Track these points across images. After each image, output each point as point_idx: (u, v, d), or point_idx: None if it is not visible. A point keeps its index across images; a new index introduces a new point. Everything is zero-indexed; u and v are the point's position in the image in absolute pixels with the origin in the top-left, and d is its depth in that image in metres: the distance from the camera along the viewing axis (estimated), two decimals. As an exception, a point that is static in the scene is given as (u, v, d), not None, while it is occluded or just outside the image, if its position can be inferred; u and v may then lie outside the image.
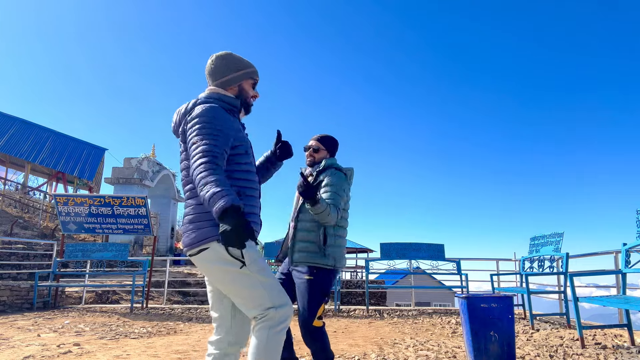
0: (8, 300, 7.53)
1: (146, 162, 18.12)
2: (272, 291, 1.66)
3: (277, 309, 1.63)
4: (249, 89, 1.90)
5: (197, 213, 1.69)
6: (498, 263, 8.58)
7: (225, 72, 1.85)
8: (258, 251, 1.73)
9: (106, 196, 8.32)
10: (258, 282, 1.64)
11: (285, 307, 1.66)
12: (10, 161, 20.66)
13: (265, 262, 1.74)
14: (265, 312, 1.62)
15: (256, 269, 1.65)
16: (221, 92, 1.84)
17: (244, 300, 1.65)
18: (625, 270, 4.11)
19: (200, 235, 1.65)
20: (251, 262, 1.64)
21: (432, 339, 4.66)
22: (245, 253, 1.62)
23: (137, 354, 3.87)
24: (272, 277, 1.70)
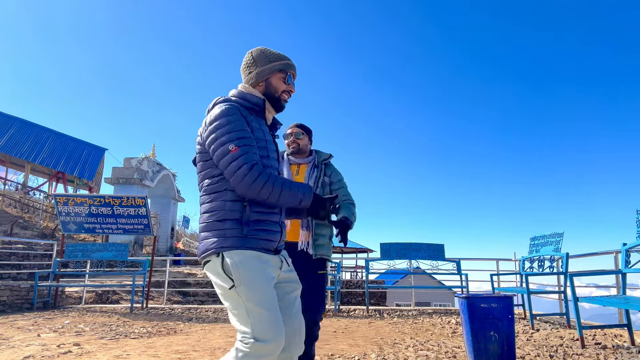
0: (8, 300, 7.53)
1: (146, 162, 18.12)
2: (259, 323, 1.47)
3: (258, 342, 1.45)
4: (277, 84, 1.74)
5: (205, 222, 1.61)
6: (498, 263, 8.58)
7: (252, 67, 1.73)
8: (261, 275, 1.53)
9: (106, 196, 8.32)
10: (244, 309, 1.49)
11: (269, 344, 1.46)
12: (10, 161, 20.67)
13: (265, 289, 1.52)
14: (247, 341, 1.47)
15: (246, 294, 1.49)
16: (246, 89, 1.72)
17: (233, 322, 1.54)
18: (625, 270, 4.11)
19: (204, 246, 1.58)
20: (242, 285, 1.49)
21: (432, 339, 4.66)
22: (237, 272, 1.50)
23: (137, 354, 3.87)
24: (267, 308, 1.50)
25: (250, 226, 1.57)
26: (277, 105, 1.76)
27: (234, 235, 1.55)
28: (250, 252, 1.55)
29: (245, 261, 1.52)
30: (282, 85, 1.75)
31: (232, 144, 1.53)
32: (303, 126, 2.71)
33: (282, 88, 1.75)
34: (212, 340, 4.70)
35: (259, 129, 1.66)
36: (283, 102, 1.77)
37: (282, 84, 1.75)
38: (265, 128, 1.72)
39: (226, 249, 1.53)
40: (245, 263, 1.52)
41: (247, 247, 1.54)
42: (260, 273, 1.53)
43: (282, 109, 1.79)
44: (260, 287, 1.51)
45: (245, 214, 1.57)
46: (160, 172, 19.04)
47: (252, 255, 1.54)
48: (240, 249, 1.53)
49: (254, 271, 1.52)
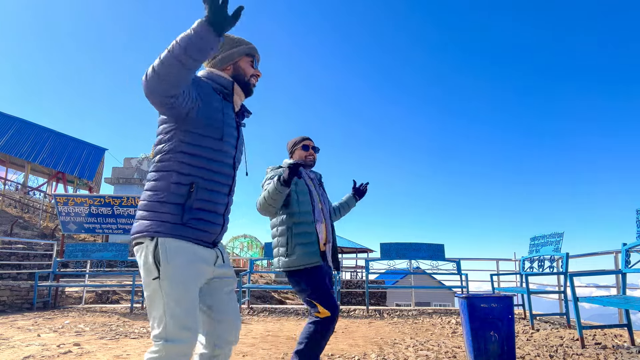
0: (8, 300, 7.53)
1: (146, 162, 18.13)
2: (173, 321, 1.40)
3: (168, 343, 1.39)
4: (246, 67, 1.70)
5: (145, 200, 1.50)
6: (498, 263, 8.58)
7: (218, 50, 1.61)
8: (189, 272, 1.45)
9: (106, 196, 8.32)
10: (162, 304, 1.41)
11: (179, 344, 1.40)
12: (10, 161, 20.67)
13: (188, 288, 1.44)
14: (157, 341, 1.41)
15: (168, 289, 1.41)
16: (215, 71, 1.66)
17: (149, 315, 1.46)
18: (625, 270, 4.11)
19: (139, 226, 1.47)
20: (166, 279, 1.41)
21: (432, 339, 4.66)
22: (165, 264, 1.41)
23: (137, 354, 3.87)
24: (186, 308, 1.43)
25: (192, 214, 1.48)
26: (247, 89, 1.71)
27: (173, 222, 1.45)
28: (186, 244, 1.46)
29: (177, 253, 1.43)
30: (250, 69, 1.71)
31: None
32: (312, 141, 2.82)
33: (250, 72, 1.71)
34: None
35: (218, 109, 1.58)
36: (252, 86, 1.73)
37: (250, 67, 1.71)
38: (229, 112, 1.64)
39: (162, 234, 1.44)
40: (176, 256, 1.43)
41: (184, 236, 1.46)
42: (188, 270, 1.45)
43: (252, 93, 1.74)
44: (183, 286, 1.43)
45: (189, 200, 1.48)
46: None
47: (186, 248, 1.46)
48: (176, 237, 1.45)
49: (183, 267, 1.44)
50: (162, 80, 1.31)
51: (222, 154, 1.58)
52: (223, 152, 1.58)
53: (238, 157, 1.68)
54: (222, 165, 1.58)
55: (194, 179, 1.50)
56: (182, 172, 1.50)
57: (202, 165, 1.52)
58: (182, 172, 1.50)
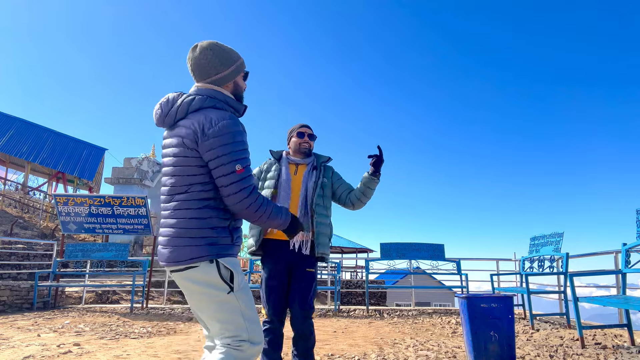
0: (8, 300, 7.53)
1: (146, 162, 18.12)
2: (252, 325, 1.59)
3: (252, 345, 1.56)
4: (242, 84, 1.75)
5: (191, 228, 1.55)
6: (498, 263, 8.58)
7: (219, 67, 1.66)
8: (246, 281, 1.68)
9: (106, 196, 8.32)
10: (239, 312, 1.57)
11: (259, 346, 1.59)
12: (10, 161, 20.67)
13: (251, 294, 1.66)
14: (240, 343, 1.54)
15: (242, 297, 1.59)
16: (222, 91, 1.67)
17: (222, 326, 1.57)
18: (625, 270, 4.11)
19: (192, 252, 1.53)
20: (239, 290, 1.59)
21: (432, 339, 4.66)
22: (237, 278, 1.58)
23: (137, 354, 3.87)
24: (255, 311, 1.64)
25: (236, 234, 1.66)
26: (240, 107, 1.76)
27: (226, 243, 1.60)
28: (236, 260, 1.64)
29: (237, 268, 1.60)
30: (244, 84, 1.77)
31: (238, 164, 1.56)
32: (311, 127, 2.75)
33: (244, 87, 1.77)
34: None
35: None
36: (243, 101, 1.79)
37: (243, 82, 1.76)
38: None
39: (222, 256, 1.57)
40: (238, 269, 1.60)
41: (234, 254, 1.63)
42: (244, 278, 1.65)
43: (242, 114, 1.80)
44: (249, 292, 1.64)
45: (232, 222, 1.65)
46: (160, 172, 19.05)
47: (238, 262, 1.65)
48: (232, 256, 1.61)
49: (243, 276, 1.63)
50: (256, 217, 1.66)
51: None
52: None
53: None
54: None
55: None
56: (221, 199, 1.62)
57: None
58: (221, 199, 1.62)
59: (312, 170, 2.63)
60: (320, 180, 2.61)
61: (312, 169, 2.64)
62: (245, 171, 1.57)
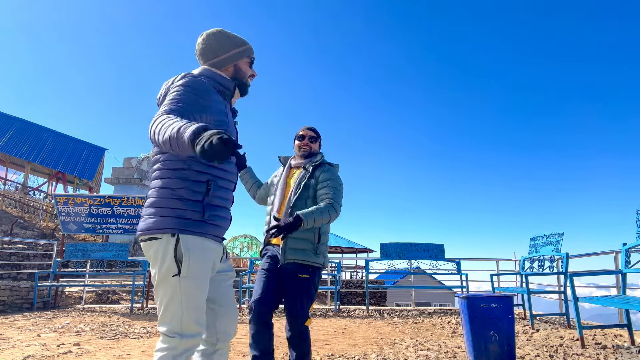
0: (8, 300, 7.53)
1: (146, 162, 18.13)
2: (188, 315, 1.45)
3: (184, 338, 1.44)
4: (245, 69, 1.75)
5: (160, 197, 1.51)
6: (498, 263, 8.58)
7: (218, 51, 1.70)
8: (206, 270, 1.52)
9: (106, 196, 8.32)
10: (179, 300, 1.45)
11: (193, 339, 1.46)
12: (10, 161, 20.67)
13: (204, 285, 1.51)
14: (171, 336, 1.44)
15: (187, 286, 1.45)
16: (216, 72, 1.68)
17: (160, 310, 1.49)
18: (625, 270, 4.11)
19: (157, 223, 1.47)
20: (186, 277, 1.45)
21: (432, 339, 4.66)
22: (187, 262, 1.45)
23: (137, 354, 3.87)
24: (200, 303, 1.50)
25: (211, 210, 1.54)
26: (244, 90, 1.78)
27: (194, 219, 1.49)
28: (204, 241, 1.51)
29: (197, 251, 1.48)
30: (249, 70, 1.78)
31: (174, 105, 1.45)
32: (315, 130, 2.67)
33: (248, 73, 1.78)
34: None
35: (223, 111, 1.61)
36: (248, 86, 1.79)
37: (248, 68, 1.77)
38: (228, 111, 1.68)
39: (185, 231, 1.47)
40: (196, 253, 1.47)
41: (205, 233, 1.51)
42: (204, 268, 1.51)
43: (247, 93, 1.81)
44: (201, 282, 1.50)
45: (207, 197, 1.53)
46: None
47: (205, 246, 1.51)
48: (198, 234, 1.49)
49: (201, 264, 1.49)
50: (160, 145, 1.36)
51: None
52: None
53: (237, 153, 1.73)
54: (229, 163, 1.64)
55: (208, 176, 1.55)
56: (198, 170, 1.54)
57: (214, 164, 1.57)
58: (198, 170, 1.54)
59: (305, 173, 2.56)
60: (304, 181, 2.50)
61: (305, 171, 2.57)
62: (171, 107, 1.43)
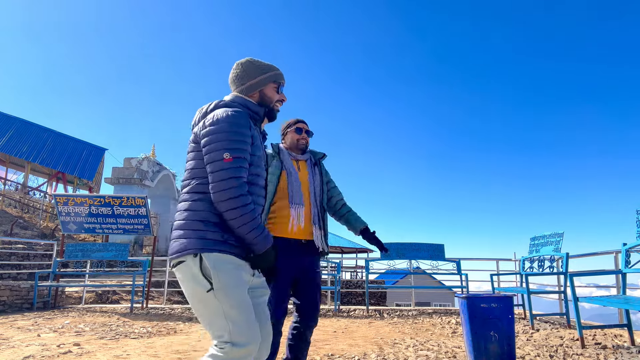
0: (8, 300, 7.53)
1: (146, 162, 18.12)
2: (235, 326, 1.48)
3: (235, 347, 1.46)
4: (272, 94, 1.78)
5: (185, 220, 1.56)
6: (498, 263, 8.58)
7: (244, 79, 1.75)
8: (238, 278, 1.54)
9: (106, 196, 8.32)
10: (221, 313, 1.48)
11: (245, 347, 1.47)
12: (10, 161, 20.66)
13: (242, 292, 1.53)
14: (223, 345, 1.47)
15: (224, 298, 1.48)
16: (246, 99, 1.74)
17: (206, 326, 1.53)
18: (625, 270, 4.11)
19: (182, 245, 1.53)
20: (220, 289, 1.48)
21: (432, 339, 4.66)
22: (216, 275, 1.49)
23: (137, 354, 3.87)
24: (245, 311, 1.51)
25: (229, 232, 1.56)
26: (271, 115, 1.80)
27: (214, 239, 1.53)
28: (227, 257, 1.53)
29: (223, 265, 1.51)
30: (276, 95, 1.79)
31: (227, 153, 1.52)
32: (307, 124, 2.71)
33: (275, 98, 1.79)
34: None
35: (259, 146, 1.68)
36: (276, 111, 1.81)
37: (275, 93, 1.79)
38: (259, 136, 1.73)
39: (205, 250, 1.50)
40: (223, 266, 1.51)
41: (225, 251, 1.53)
42: (237, 277, 1.53)
43: (275, 119, 1.83)
44: (237, 291, 1.51)
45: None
46: (160, 172, 19.04)
47: (229, 260, 1.53)
48: (218, 252, 1.52)
49: (231, 274, 1.52)
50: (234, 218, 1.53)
51: (256, 177, 1.67)
52: (256, 175, 1.67)
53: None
54: (256, 187, 1.67)
55: None
56: None
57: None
58: None
59: (314, 167, 2.62)
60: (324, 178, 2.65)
61: (312, 165, 2.62)
62: (234, 162, 1.52)
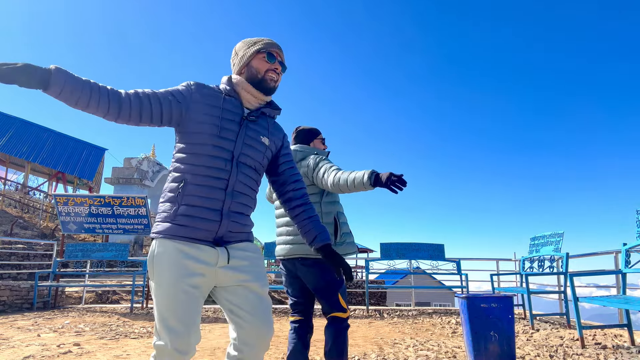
0: (8, 300, 7.53)
1: (146, 162, 18.13)
2: (160, 321, 1.44)
3: (157, 342, 1.44)
4: (259, 65, 1.63)
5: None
6: (498, 263, 8.58)
7: (234, 59, 1.71)
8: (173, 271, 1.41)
9: (106, 196, 8.32)
10: (155, 304, 1.47)
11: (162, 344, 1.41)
12: (10, 161, 20.66)
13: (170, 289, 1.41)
14: (154, 339, 1.46)
15: (155, 288, 1.44)
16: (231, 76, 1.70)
17: None
18: (625, 270, 4.11)
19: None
20: (153, 278, 1.46)
21: (432, 339, 4.66)
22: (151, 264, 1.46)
23: (137, 354, 3.87)
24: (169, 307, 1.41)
25: (181, 211, 1.46)
26: (262, 87, 1.62)
27: (165, 220, 1.47)
28: (176, 243, 1.44)
29: (162, 253, 1.44)
30: (265, 64, 1.63)
31: None
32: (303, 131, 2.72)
33: (264, 68, 1.62)
34: (212, 340, 4.70)
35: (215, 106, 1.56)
36: (270, 81, 1.63)
37: (264, 63, 1.63)
38: (230, 108, 1.59)
39: (155, 235, 1.48)
40: (160, 255, 1.43)
41: (176, 235, 1.44)
42: (171, 267, 1.42)
43: (270, 90, 1.65)
44: (166, 283, 1.41)
45: (179, 197, 1.47)
46: (160, 172, 19.05)
47: (172, 247, 1.43)
48: (168, 237, 1.44)
49: (165, 264, 1.42)
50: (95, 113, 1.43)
51: (215, 149, 1.52)
52: (217, 146, 1.52)
53: (242, 151, 1.58)
54: (216, 159, 1.52)
55: (184, 175, 1.50)
56: (176, 170, 1.53)
57: (192, 162, 1.51)
58: (176, 170, 1.53)
59: None
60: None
61: None
62: None
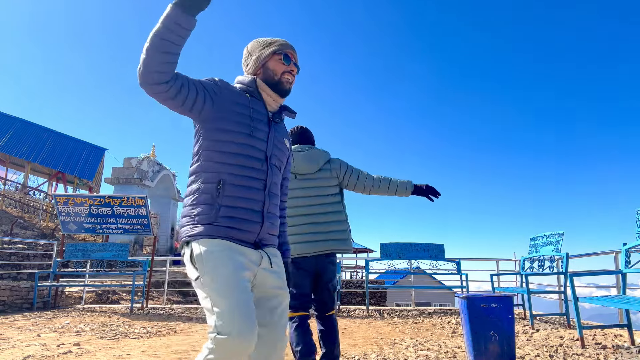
0: (8, 300, 7.53)
1: (146, 162, 18.14)
2: (222, 314, 1.35)
3: (221, 336, 1.33)
4: (276, 66, 1.63)
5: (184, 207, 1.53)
6: (498, 263, 8.58)
7: (248, 59, 1.68)
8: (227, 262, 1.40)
9: (106, 196, 8.32)
10: (209, 300, 1.38)
11: (233, 338, 1.32)
12: (10, 161, 20.66)
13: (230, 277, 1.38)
14: (211, 334, 1.37)
15: (210, 283, 1.38)
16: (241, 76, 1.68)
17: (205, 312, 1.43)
18: (625, 270, 4.11)
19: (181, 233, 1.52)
20: (206, 274, 1.39)
21: (432, 339, 4.66)
22: (201, 261, 1.40)
23: (137, 354, 3.87)
24: (231, 296, 1.36)
25: (223, 213, 1.45)
26: (279, 89, 1.63)
27: (203, 223, 1.44)
28: (218, 241, 1.43)
29: (211, 249, 1.41)
30: (281, 66, 1.63)
31: None
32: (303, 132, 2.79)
33: (281, 70, 1.63)
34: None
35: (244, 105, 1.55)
36: (286, 83, 1.64)
37: (280, 65, 1.63)
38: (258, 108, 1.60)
39: (194, 238, 1.44)
40: (210, 251, 1.41)
41: (216, 235, 1.43)
42: (225, 260, 1.40)
43: (286, 92, 1.65)
44: (224, 275, 1.38)
45: (219, 198, 1.46)
46: (160, 172, 19.06)
47: (219, 244, 1.43)
48: (207, 237, 1.43)
49: (219, 259, 1.40)
50: (147, 69, 1.34)
51: (250, 149, 1.52)
52: (251, 146, 1.52)
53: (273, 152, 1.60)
54: (252, 159, 1.52)
55: (220, 175, 1.47)
56: (207, 170, 1.49)
57: (226, 161, 1.49)
58: (207, 170, 1.49)
59: None
60: None
61: None
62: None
